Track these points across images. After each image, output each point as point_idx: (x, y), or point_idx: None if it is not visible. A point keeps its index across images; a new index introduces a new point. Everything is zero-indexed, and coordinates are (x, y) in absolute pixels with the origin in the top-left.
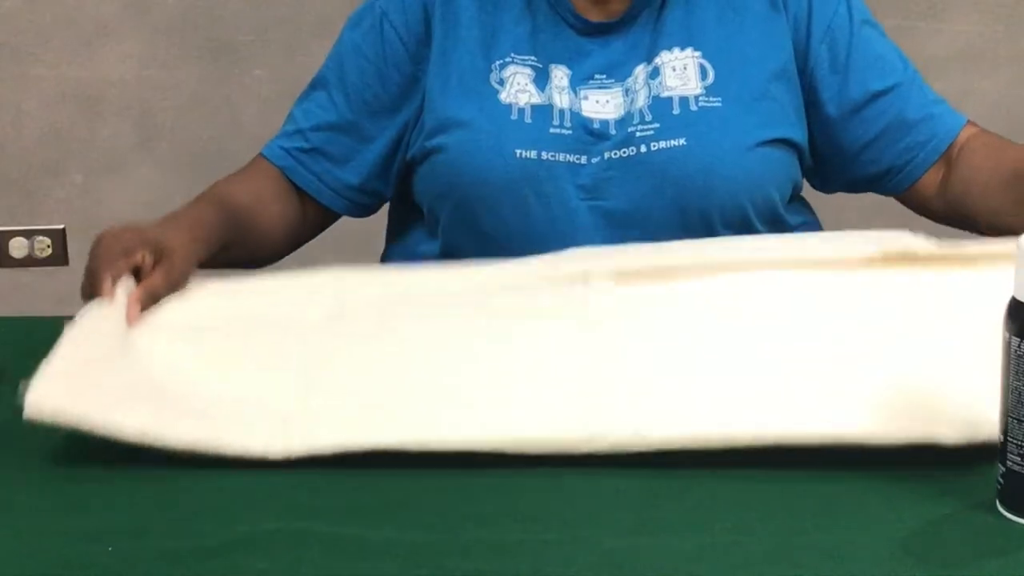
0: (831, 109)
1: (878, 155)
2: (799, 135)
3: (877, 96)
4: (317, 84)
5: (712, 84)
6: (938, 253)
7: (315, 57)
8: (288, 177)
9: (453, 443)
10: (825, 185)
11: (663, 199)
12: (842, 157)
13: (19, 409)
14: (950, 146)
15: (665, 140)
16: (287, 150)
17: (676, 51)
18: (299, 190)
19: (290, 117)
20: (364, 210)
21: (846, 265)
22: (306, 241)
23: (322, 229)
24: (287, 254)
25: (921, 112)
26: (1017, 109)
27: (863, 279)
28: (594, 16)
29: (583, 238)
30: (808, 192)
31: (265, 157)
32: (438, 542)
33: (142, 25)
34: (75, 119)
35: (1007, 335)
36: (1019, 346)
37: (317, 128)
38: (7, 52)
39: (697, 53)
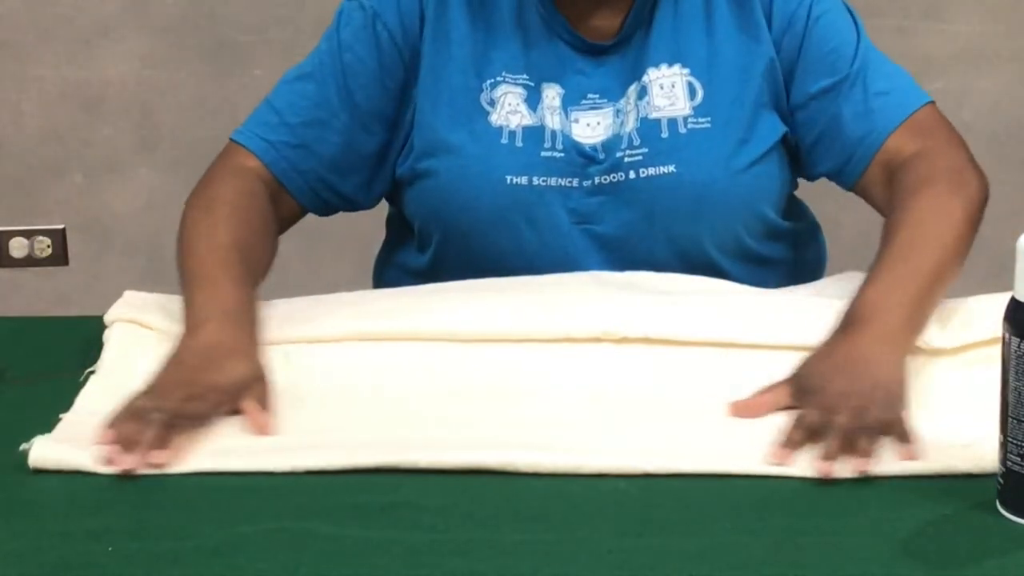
0: (789, 102)
1: (822, 154)
2: (789, 134)
3: (815, 97)
4: (304, 76)
5: (701, 104)
6: (940, 348)
7: None
8: (272, 173)
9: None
10: (803, 174)
11: (653, 227)
12: (799, 152)
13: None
14: (891, 154)
15: (654, 167)
16: (271, 143)
17: (664, 68)
18: (275, 185)
19: (268, 106)
20: (330, 211)
21: None
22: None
23: (290, 226)
24: None
25: (859, 107)
26: (1017, 109)
27: None
28: (589, 35)
29: (576, 262)
30: (808, 192)
31: (247, 148)
32: (438, 542)
33: (142, 25)
34: (75, 119)
35: (1007, 335)
36: (1019, 346)
37: (307, 124)
38: (7, 52)
39: (685, 70)
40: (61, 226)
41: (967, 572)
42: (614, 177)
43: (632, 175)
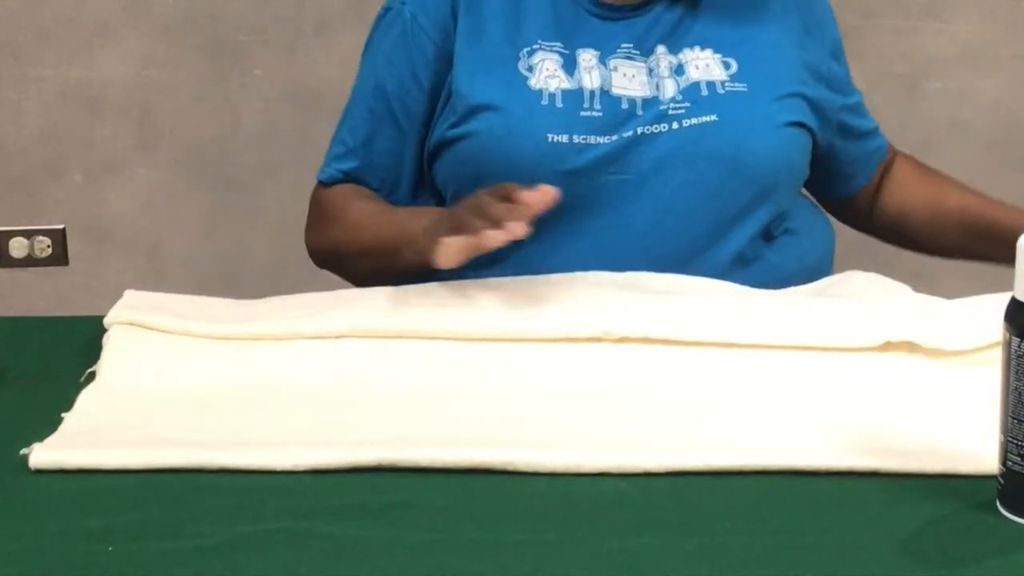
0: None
1: (837, 160)
2: (814, 125)
3: (846, 108)
4: (357, 99)
5: (736, 73)
6: (942, 349)
7: (315, 57)
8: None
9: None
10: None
11: (694, 172)
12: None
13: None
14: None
15: (696, 117)
16: (346, 172)
17: (697, 50)
18: None
19: (337, 139)
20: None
21: (847, 350)
22: None
23: None
24: None
25: (870, 124)
26: (1017, 109)
27: (862, 364)
28: None
29: (607, 211)
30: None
31: (327, 184)
32: (438, 542)
33: (142, 25)
34: (75, 119)
35: (1007, 335)
36: (1019, 346)
37: (367, 142)
38: (7, 52)
39: (717, 55)
40: (61, 226)
41: (967, 572)
42: (658, 128)
43: (676, 125)
